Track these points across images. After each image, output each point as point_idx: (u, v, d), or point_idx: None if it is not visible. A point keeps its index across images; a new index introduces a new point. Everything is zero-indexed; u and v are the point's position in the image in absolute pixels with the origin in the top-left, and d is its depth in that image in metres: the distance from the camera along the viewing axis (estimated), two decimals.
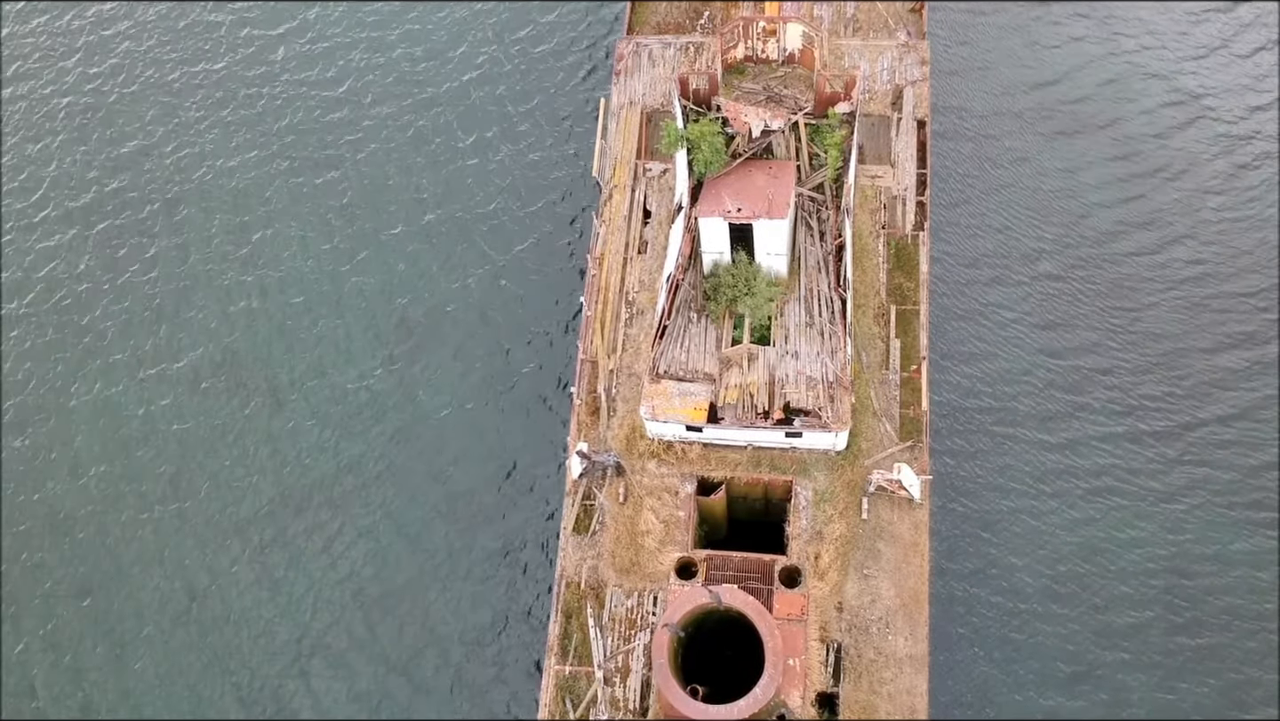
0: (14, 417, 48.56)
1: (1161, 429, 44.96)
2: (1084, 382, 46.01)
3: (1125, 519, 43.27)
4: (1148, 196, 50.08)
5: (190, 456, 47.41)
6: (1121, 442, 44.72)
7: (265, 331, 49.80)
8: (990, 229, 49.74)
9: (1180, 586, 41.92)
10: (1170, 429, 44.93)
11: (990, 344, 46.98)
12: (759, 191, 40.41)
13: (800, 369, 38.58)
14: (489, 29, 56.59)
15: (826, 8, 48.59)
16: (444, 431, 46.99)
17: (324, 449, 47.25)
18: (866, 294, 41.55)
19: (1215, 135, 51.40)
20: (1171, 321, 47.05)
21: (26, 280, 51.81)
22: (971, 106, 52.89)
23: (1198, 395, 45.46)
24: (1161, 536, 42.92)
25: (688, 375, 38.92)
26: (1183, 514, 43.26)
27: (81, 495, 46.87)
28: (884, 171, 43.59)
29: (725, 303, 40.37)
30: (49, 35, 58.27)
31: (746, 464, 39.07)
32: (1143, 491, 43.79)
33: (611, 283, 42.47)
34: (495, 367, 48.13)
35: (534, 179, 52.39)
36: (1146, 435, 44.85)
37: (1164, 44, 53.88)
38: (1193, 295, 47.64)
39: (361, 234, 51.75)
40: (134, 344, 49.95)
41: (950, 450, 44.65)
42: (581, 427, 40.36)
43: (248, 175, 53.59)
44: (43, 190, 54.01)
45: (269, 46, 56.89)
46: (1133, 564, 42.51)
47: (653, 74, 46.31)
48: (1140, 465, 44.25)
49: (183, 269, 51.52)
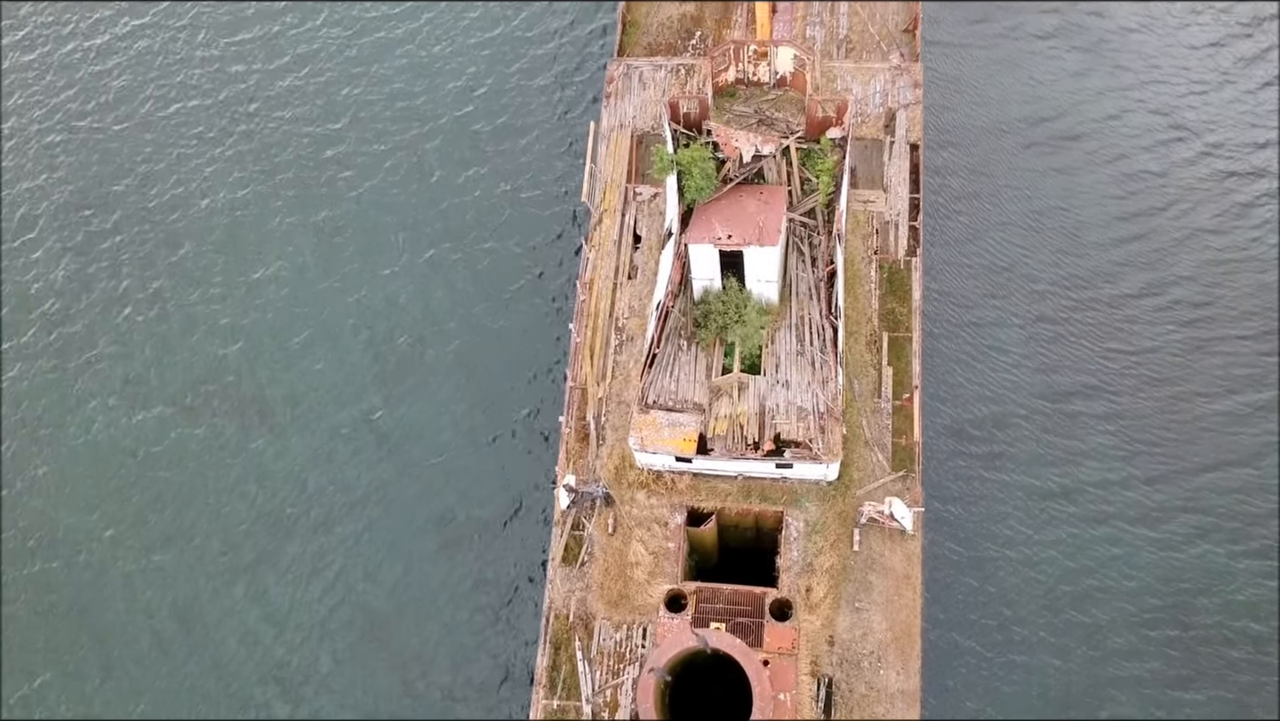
0: (7, 445, 48.00)
1: (1159, 473, 44.12)
2: (1079, 426, 45.04)
3: (1124, 570, 42.41)
4: (1147, 236, 48.95)
5: (182, 484, 46.98)
6: (1118, 489, 43.90)
7: (258, 360, 49.32)
8: (985, 267, 48.74)
9: (1179, 638, 41.16)
10: (1168, 473, 44.12)
11: (985, 385, 46.10)
12: (750, 218, 39.96)
13: (791, 399, 38.13)
14: (481, 58, 56.03)
15: (819, 28, 48.19)
16: (433, 457, 46.55)
17: (314, 474, 46.83)
18: (858, 320, 41.13)
19: (1217, 172, 50.28)
20: (1170, 364, 46.07)
21: (21, 309, 51.24)
22: (965, 140, 52.01)
23: (1195, 439, 44.57)
24: (1159, 585, 42.07)
25: (677, 405, 38.47)
26: (1181, 561, 42.37)
27: (70, 520, 46.42)
28: (876, 196, 43.18)
29: (715, 330, 39.92)
30: (46, 68, 57.50)
31: (737, 494, 38.63)
32: (1141, 538, 42.92)
33: (601, 309, 42.03)
34: (484, 394, 47.66)
35: (525, 203, 51.86)
36: (1142, 480, 43.95)
37: (1165, 78, 52.89)
38: (1193, 337, 46.59)
39: (351, 253, 51.33)
40: (128, 373, 49.51)
41: (942, 493, 43.91)
42: (570, 456, 39.91)
43: (242, 208, 53.02)
44: (40, 223, 53.47)
45: (264, 80, 56.19)
46: (1130, 612, 41.72)
47: (643, 96, 45.90)
48: (1139, 512, 43.32)
49: (177, 300, 51.04)
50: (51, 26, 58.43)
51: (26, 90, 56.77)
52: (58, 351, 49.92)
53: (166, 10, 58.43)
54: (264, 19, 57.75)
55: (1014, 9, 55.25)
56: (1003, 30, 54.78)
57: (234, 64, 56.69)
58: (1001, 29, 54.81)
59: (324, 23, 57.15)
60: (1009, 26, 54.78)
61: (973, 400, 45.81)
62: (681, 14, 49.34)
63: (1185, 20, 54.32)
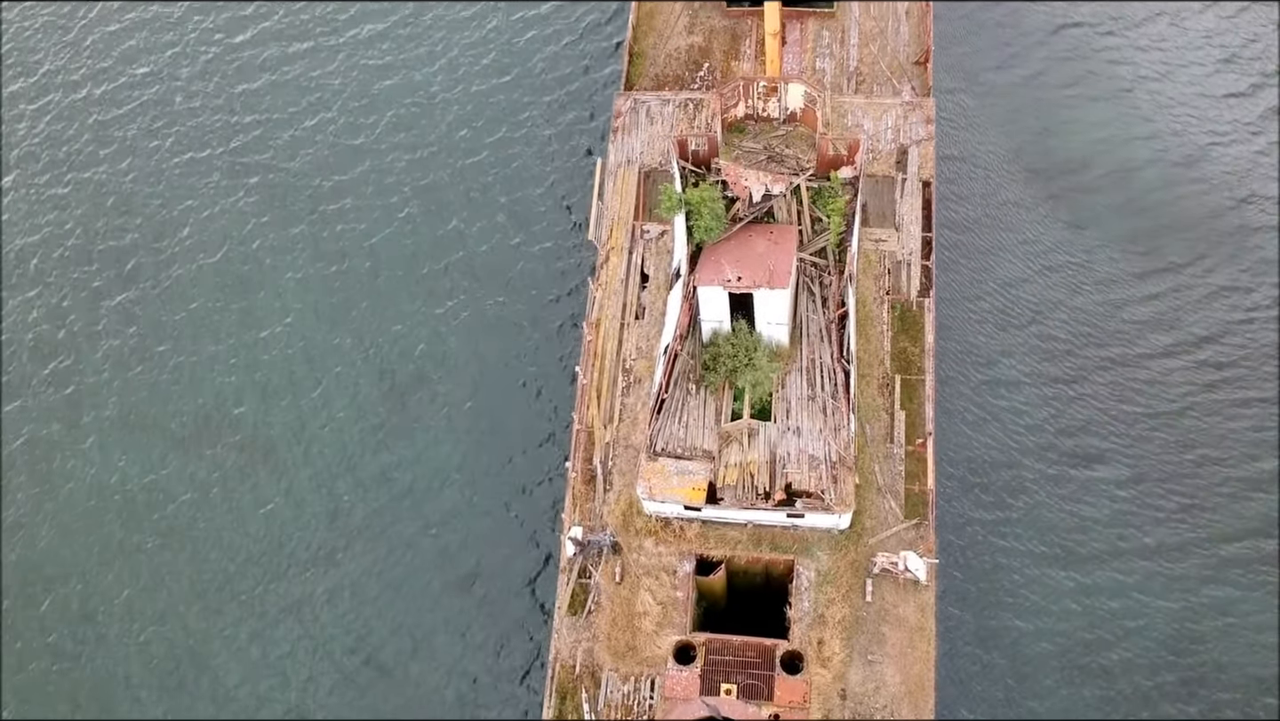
0: (8, 486, 47.38)
1: (1176, 540, 43.00)
2: (1091, 491, 43.94)
3: (1140, 643, 41.28)
4: (1165, 296, 47.77)
5: (181, 515, 46.33)
6: (1133, 559, 42.71)
7: (261, 389, 48.68)
8: (998, 324, 47.65)
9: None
10: (1187, 542, 43.02)
11: (1001, 450, 45.04)
12: (759, 259, 39.30)
13: (802, 447, 37.39)
14: (492, 105, 55.27)
15: (828, 60, 47.51)
16: (439, 499, 45.84)
17: (317, 508, 46.23)
18: (870, 363, 40.39)
19: (1240, 227, 48.85)
20: (1189, 428, 44.87)
21: (18, 339, 50.59)
22: (977, 188, 50.95)
23: (1215, 505, 43.38)
24: (1174, 660, 40.89)
25: (686, 452, 37.74)
26: (1200, 634, 41.13)
27: (69, 554, 45.81)
28: (888, 235, 42.45)
29: (725, 373, 39.23)
30: (56, 116, 56.69)
31: (747, 542, 37.89)
32: (1159, 609, 41.66)
33: (608, 349, 41.31)
34: (491, 435, 46.94)
35: (533, 242, 51.05)
36: (1154, 549, 42.83)
37: (1187, 128, 51.68)
38: (1212, 400, 45.33)
39: (357, 294, 50.51)
40: (127, 403, 48.88)
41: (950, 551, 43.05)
42: (576, 500, 39.17)
43: (252, 255, 52.33)
44: (46, 269, 52.82)
45: (275, 129, 55.31)
46: (1145, 686, 40.81)
47: (651, 131, 45.19)
48: (1158, 586, 42.07)
49: (177, 327, 50.38)
50: (60, 73, 57.55)
51: (36, 135, 55.86)
52: (61, 393, 49.24)
53: (175, 58, 57.55)
54: (275, 66, 56.87)
55: (1033, 55, 54.24)
56: (1023, 78, 53.74)
57: (246, 113, 55.66)
58: (1022, 76, 53.78)
59: (334, 71, 56.35)
60: (1031, 73, 53.74)
61: (985, 461, 44.69)
62: (689, 45, 48.66)
63: (1209, 70, 53.05)
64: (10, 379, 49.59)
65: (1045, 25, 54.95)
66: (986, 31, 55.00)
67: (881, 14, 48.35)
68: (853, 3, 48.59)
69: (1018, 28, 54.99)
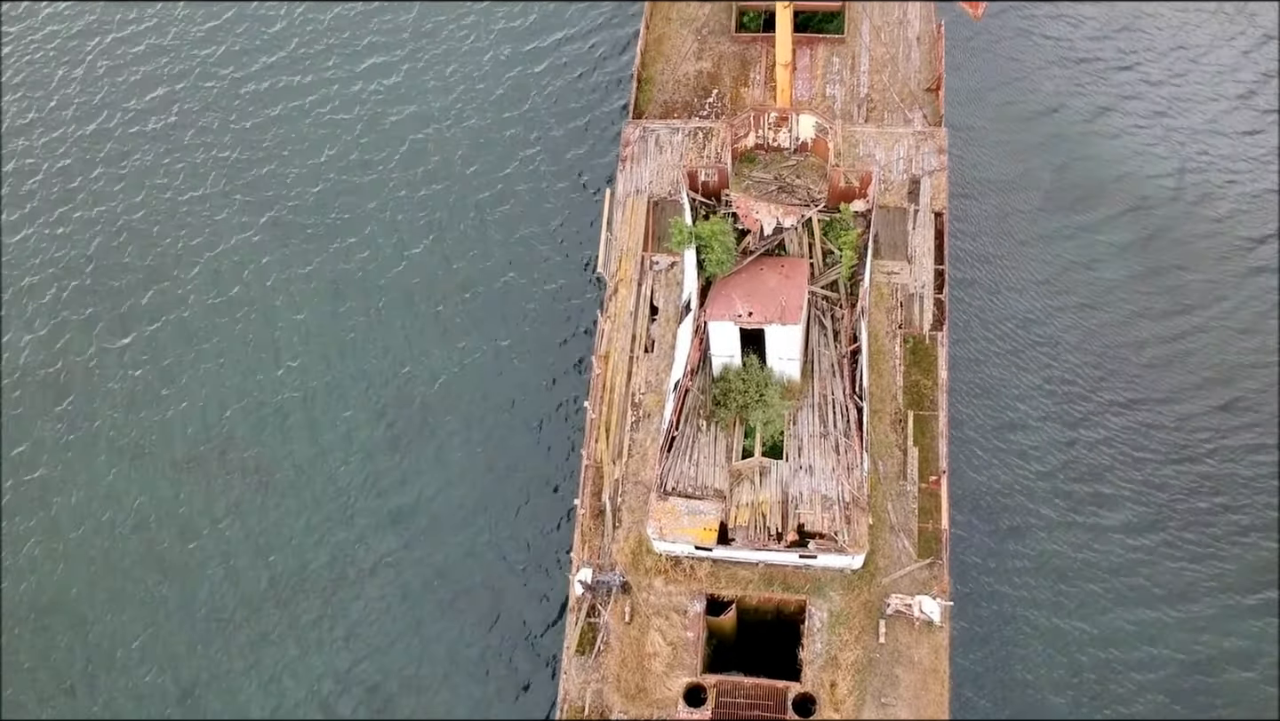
0: (7, 513, 46.98)
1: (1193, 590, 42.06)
2: (1104, 541, 43.01)
3: (1155, 698, 40.54)
4: (1183, 337, 46.89)
5: (180, 542, 45.81)
6: (1145, 608, 41.81)
7: (268, 428, 48.04)
8: (1012, 367, 46.78)
9: None
10: (1204, 590, 42.18)
11: (1009, 495, 44.16)
12: (771, 293, 38.82)
13: (815, 486, 36.90)
14: (498, 110, 54.90)
15: (839, 86, 47.05)
16: (443, 531, 45.28)
17: (317, 538, 45.66)
18: (883, 398, 39.90)
19: (1261, 269, 47.77)
20: (1207, 475, 43.94)
21: (24, 374, 50.21)
22: (987, 229, 50.05)
23: (1234, 556, 42.48)
24: (1186, 712, 40.16)
25: (697, 491, 37.24)
26: (1214, 687, 40.17)
27: (68, 583, 45.32)
28: (900, 267, 41.96)
29: (735, 408, 38.75)
30: (65, 143, 56.17)
31: (758, 581, 37.40)
32: (1173, 661, 40.91)
33: (617, 383, 40.83)
34: (498, 467, 46.32)
35: (543, 279, 50.36)
36: (1165, 597, 41.83)
37: (1206, 165, 50.74)
38: (1230, 446, 44.46)
39: (366, 331, 49.93)
40: (123, 427, 48.40)
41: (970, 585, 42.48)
42: (585, 537, 38.68)
43: (242, 256, 51.99)
44: (35, 271, 52.44)
45: (285, 163, 54.62)
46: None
47: (660, 160, 44.72)
48: (1171, 637, 41.21)
49: (175, 350, 49.92)
50: (69, 108, 56.87)
51: (43, 169, 55.17)
52: (67, 429, 48.66)
53: (186, 92, 56.96)
54: (286, 100, 56.24)
55: (1047, 89, 53.34)
56: (1036, 112, 52.92)
57: (256, 150, 54.90)
58: (1035, 110, 52.96)
59: (346, 106, 55.62)
60: (1046, 108, 52.97)
61: (993, 506, 43.91)
62: (698, 71, 48.21)
63: (1227, 107, 51.98)
64: (16, 414, 49.07)
65: (1064, 58, 54.17)
66: (999, 64, 54.32)
67: (892, 40, 47.92)
68: (863, 28, 48.13)
69: (1031, 61, 54.18)
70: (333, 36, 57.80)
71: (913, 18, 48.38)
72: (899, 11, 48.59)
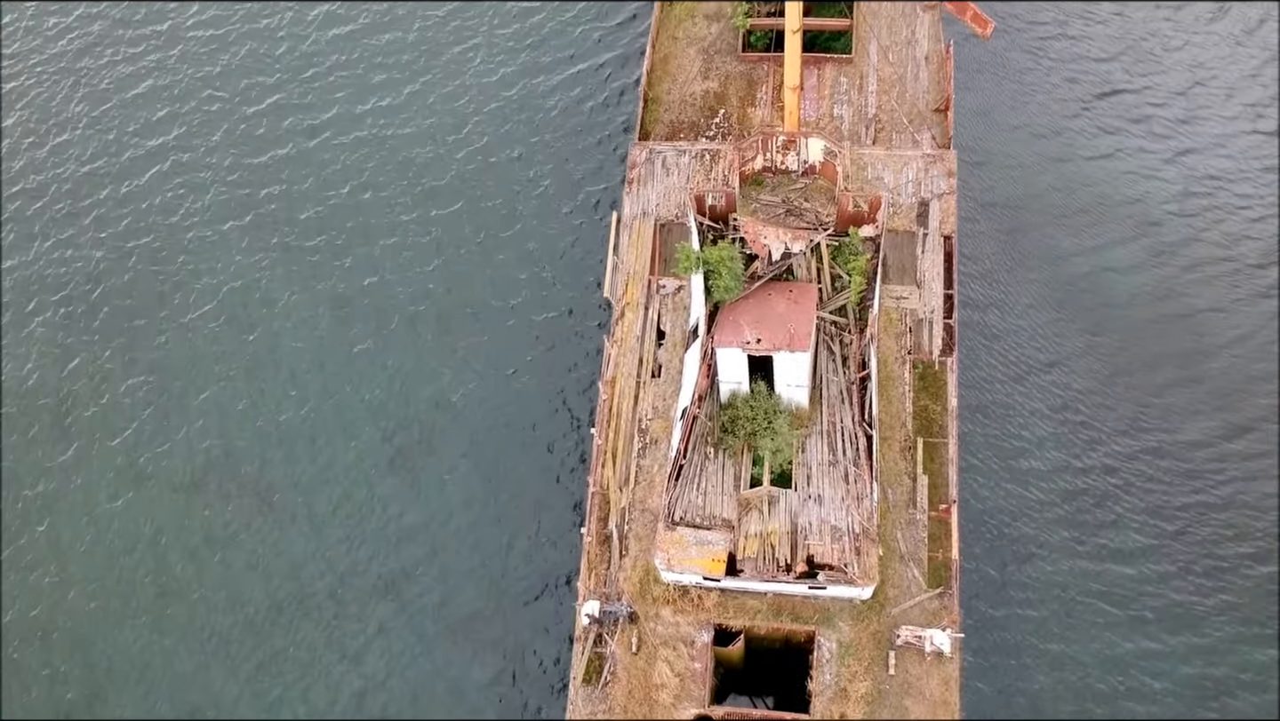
0: (7, 533, 46.68)
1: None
2: (1118, 591, 42.27)
3: (1173, 708, 40.13)
4: (1203, 380, 45.90)
5: (181, 566, 45.49)
6: (1160, 661, 41.09)
7: (262, 438, 47.82)
8: (1023, 413, 45.85)
9: None
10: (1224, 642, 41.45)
11: (1020, 542, 43.35)
12: (779, 320, 38.51)
13: (824, 516, 36.55)
14: (509, 144, 54.33)
15: (846, 106, 46.70)
16: (451, 558, 44.87)
17: (321, 562, 45.32)
18: (892, 425, 39.52)
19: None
20: (1229, 522, 43.12)
21: (17, 386, 49.89)
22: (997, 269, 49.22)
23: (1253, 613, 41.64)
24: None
25: (705, 521, 36.92)
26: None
27: (69, 606, 45.01)
28: (909, 291, 41.57)
29: (743, 435, 38.42)
30: (67, 158, 55.83)
31: (767, 612, 37.04)
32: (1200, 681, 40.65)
33: (623, 409, 40.46)
34: (503, 492, 45.94)
35: (546, 295, 49.98)
36: (1182, 654, 41.15)
37: (1228, 204, 49.55)
38: (1252, 490, 43.82)
39: (373, 356, 49.50)
40: (126, 450, 48.06)
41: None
42: (592, 566, 38.33)
43: (245, 278, 51.57)
44: (38, 292, 52.10)
45: (291, 179, 54.24)
46: None
47: (667, 183, 44.33)
48: (1187, 695, 40.44)
49: (179, 372, 49.58)
50: (80, 141, 56.23)
51: (54, 198, 54.72)
52: (63, 439, 48.46)
53: (194, 110, 56.58)
54: (294, 117, 55.76)
55: (1061, 123, 52.46)
56: (1048, 146, 52.01)
57: (261, 174, 54.42)
58: (1048, 145, 52.07)
59: (347, 129, 55.03)
60: (1059, 144, 52.15)
61: (1001, 548, 43.35)
62: (705, 90, 47.86)
63: (1251, 145, 51.05)
64: (18, 436, 48.77)
65: (1072, 79, 53.52)
66: (1007, 83, 53.80)
67: (900, 60, 47.58)
68: (871, 48, 47.80)
69: (1039, 80, 53.60)
70: (339, 61, 57.14)
71: (921, 37, 48.04)
72: (907, 31, 48.27)
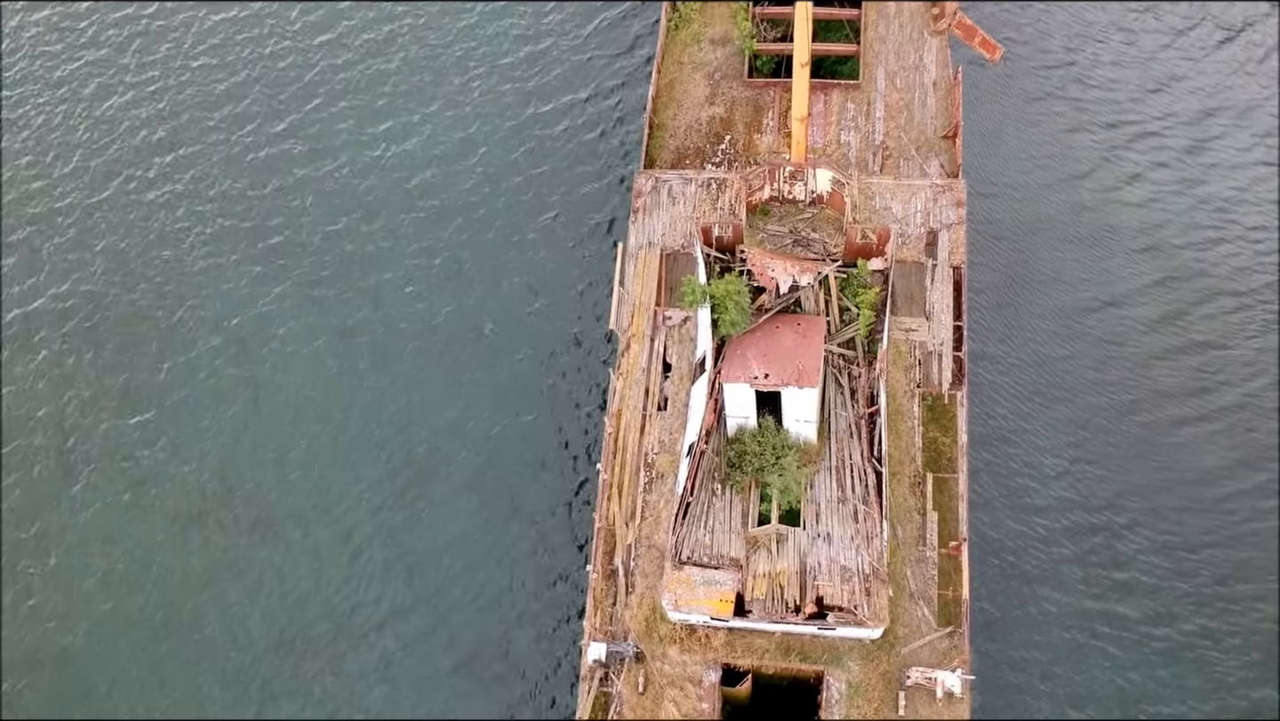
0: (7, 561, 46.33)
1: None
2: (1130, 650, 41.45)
3: None
4: (1215, 415, 45.24)
5: (182, 596, 45.05)
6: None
7: (263, 468, 47.34)
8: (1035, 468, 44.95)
9: None
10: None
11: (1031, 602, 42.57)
12: (787, 354, 38.04)
13: (833, 556, 36.09)
14: (518, 172, 53.67)
15: (853, 133, 46.29)
16: (453, 591, 44.38)
17: (324, 594, 44.86)
18: (901, 460, 39.07)
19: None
20: (1247, 562, 42.36)
21: (16, 414, 49.51)
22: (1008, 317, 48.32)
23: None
24: None
25: (712, 561, 36.46)
26: None
27: (69, 638, 44.57)
28: (918, 324, 41.13)
29: (751, 471, 37.97)
30: (68, 180, 55.29)
31: (775, 651, 36.60)
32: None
33: (629, 442, 40.03)
34: (509, 518, 45.51)
35: (553, 327, 49.41)
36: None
37: (1243, 236, 48.76)
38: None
39: (371, 376, 49.08)
40: (126, 479, 47.59)
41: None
42: (598, 604, 37.89)
43: (248, 307, 51.01)
44: (40, 323, 51.63)
45: (300, 210, 53.65)
46: None
47: (673, 212, 43.89)
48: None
49: (179, 403, 49.14)
50: (87, 169, 55.62)
51: (61, 222, 54.11)
52: (62, 468, 48.03)
53: (196, 139, 55.91)
54: (301, 148, 55.12)
55: (1072, 155, 51.69)
56: (1059, 178, 51.17)
57: (267, 206, 53.72)
58: (1058, 177, 51.23)
59: (355, 159, 54.42)
60: (1068, 175, 51.36)
61: (1009, 592, 42.73)
62: (710, 116, 47.45)
63: (1266, 174, 50.41)
64: (17, 466, 48.35)
65: (1091, 120, 52.58)
66: (1015, 106, 53.27)
67: (908, 85, 47.16)
68: (878, 74, 47.39)
69: (1056, 119, 52.72)
70: (343, 90, 56.36)
71: (929, 63, 47.62)
72: (914, 56, 47.85)
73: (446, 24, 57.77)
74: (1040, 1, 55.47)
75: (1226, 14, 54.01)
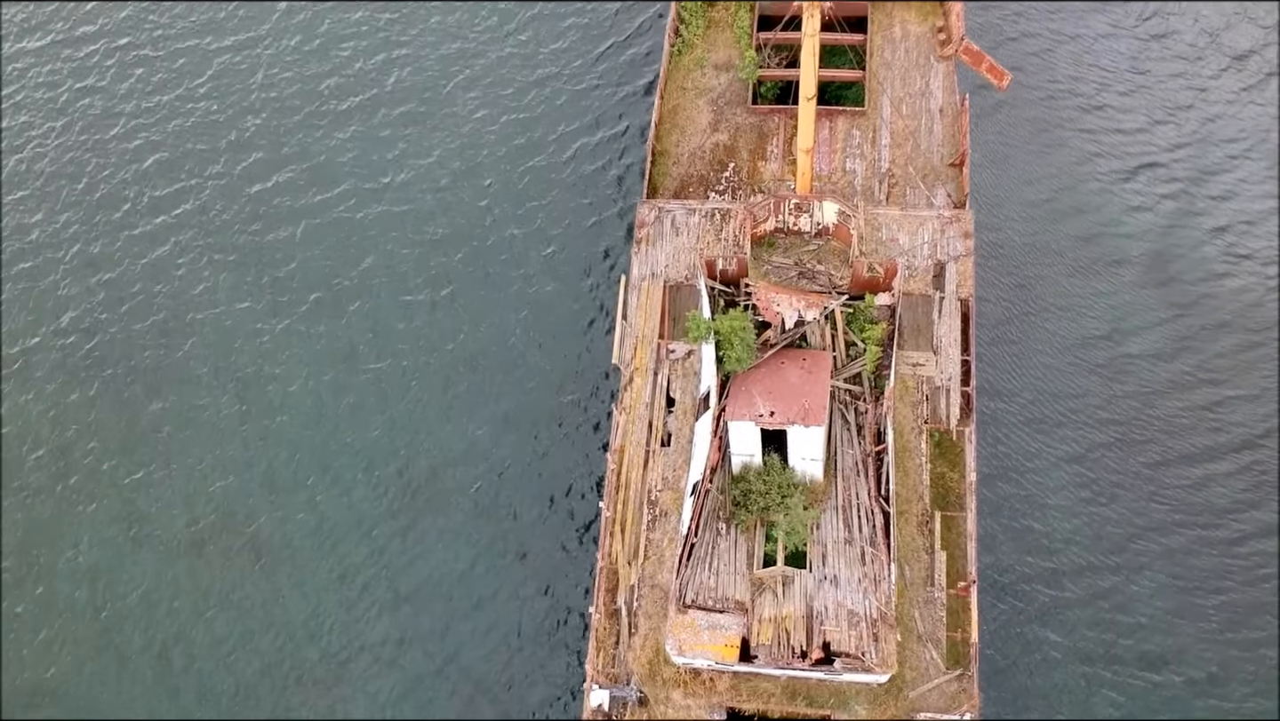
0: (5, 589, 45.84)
1: None
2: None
3: None
4: (1228, 450, 44.50)
5: (177, 625, 44.57)
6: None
7: (260, 496, 46.77)
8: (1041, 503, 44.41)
9: None
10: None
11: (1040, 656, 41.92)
12: (793, 391, 37.44)
13: (840, 600, 35.44)
14: (525, 198, 53.07)
15: (859, 160, 45.69)
16: (451, 625, 43.80)
17: (320, 625, 44.30)
18: (909, 498, 38.40)
19: None
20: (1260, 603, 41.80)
21: (14, 443, 48.83)
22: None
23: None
24: None
25: (717, 604, 35.79)
26: None
27: (64, 666, 44.09)
28: (925, 358, 40.49)
29: (756, 510, 37.32)
30: (64, 201, 54.93)
31: (781, 695, 35.94)
32: None
33: (632, 479, 39.38)
34: (509, 550, 44.95)
35: (554, 361, 48.79)
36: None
37: (1254, 268, 48.08)
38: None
39: (374, 415, 48.39)
40: (122, 508, 47.06)
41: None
42: (601, 645, 37.19)
43: (246, 334, 50.45)
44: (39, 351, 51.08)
45: (283, 212, 53.27)
46: None
47: (676, 243, 43.26)
48: None
49: (176, 429, 48.55)
50: (90, 189, 55.12)
51: (63, 245, 53.65)
52: (59, 498, 47.48)
53: (201, 181, 55.19)
54: (305, 181, 54.49)
55: (1083, 185, 51.01)
56: (1063, 207, 50.52)
57: (270, 247, 53.05)
58: (1069, 207, 50.61)
59: (355, 203, 53.71)
60: (1076, 199, 50.79)
61: (1023, 596, 42.32)
62: (714, 143, 46.85)
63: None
64: (14, 494, 47.76)
65: (1099, 149, 51.83)
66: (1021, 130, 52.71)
67: (914, 112, 46.58)
68: (883, 100, 46.83)
69: (1062, 147, 52.02)
70: (350, 128, 55.66)
71: (935, 89, 47.06)
72: (920, 82, 47.29)
73: (449, 53, 57.24)
74: (1047, 31, 54.87)
75: (1234, 43, 53.44)
